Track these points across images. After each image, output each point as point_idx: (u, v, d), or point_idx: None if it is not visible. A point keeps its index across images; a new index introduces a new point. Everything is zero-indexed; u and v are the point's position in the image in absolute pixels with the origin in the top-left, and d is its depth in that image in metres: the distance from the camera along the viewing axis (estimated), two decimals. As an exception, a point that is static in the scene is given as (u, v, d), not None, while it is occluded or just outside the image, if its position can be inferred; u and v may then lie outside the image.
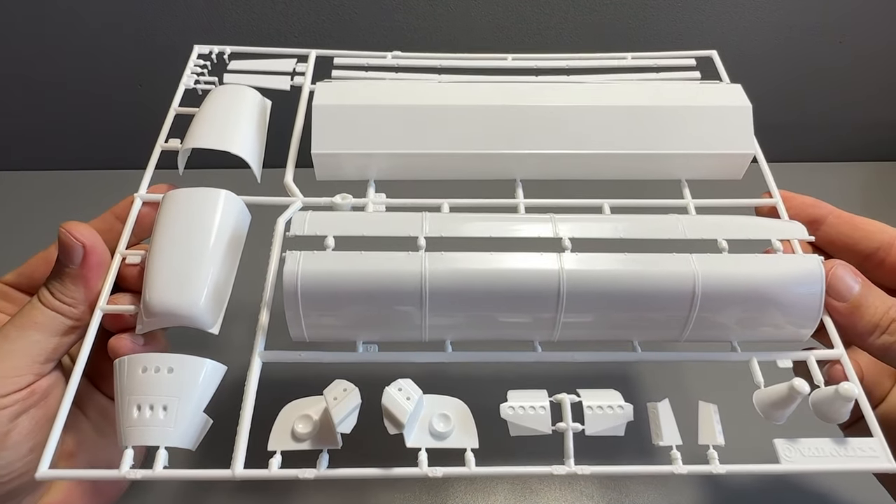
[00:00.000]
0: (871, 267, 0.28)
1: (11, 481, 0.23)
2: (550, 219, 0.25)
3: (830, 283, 0.25)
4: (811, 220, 0.29)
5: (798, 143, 0.50)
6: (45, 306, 0.24)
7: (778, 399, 0.23)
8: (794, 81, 0.49)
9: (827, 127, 0.51)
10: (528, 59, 0.37)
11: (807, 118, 0.51)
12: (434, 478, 0.22)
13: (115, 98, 0.50)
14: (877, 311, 0.25)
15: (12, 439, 0.23)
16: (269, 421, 0.23)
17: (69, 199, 0.49)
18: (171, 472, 0.21)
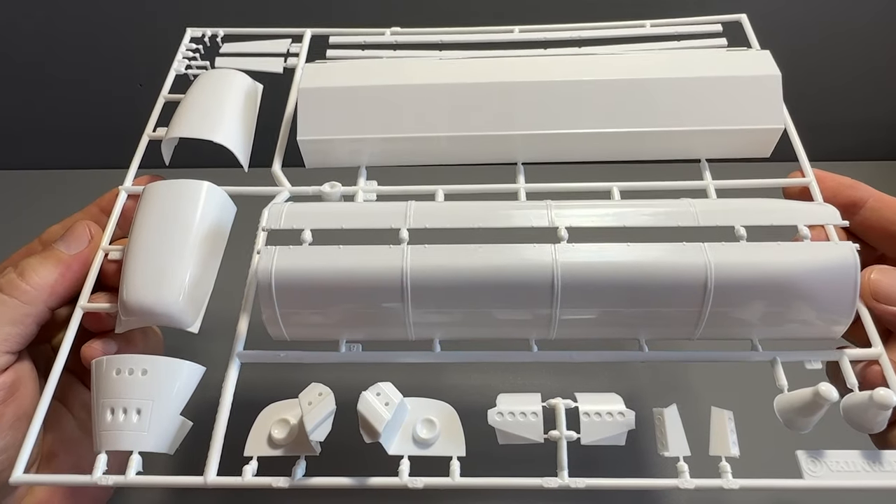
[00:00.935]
0: None
1: None
2: (546, 206, 0.23)
3: (877, 290, 0.22)
4: (849, 202, 0.26)
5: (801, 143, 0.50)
6: (0, 292, 0.23)
7: (802, 406, 0.20)
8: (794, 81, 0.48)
9: (827, 127, 0.50)
10: (537, 30, 0.34)
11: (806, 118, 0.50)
12: (415, 489, 0.20)
13: (115, 98, 0.50)
14: None
15: None
16: (251, 423, 0.22)
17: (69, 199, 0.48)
18: (143, 479, 0.21)
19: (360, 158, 0.28)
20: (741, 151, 0.28)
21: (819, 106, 0.50)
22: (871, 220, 0.25)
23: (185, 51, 0.33)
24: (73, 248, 0.25)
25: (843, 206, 0.26)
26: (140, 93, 0.48)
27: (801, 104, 0.51)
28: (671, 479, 0.20)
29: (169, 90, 0.32)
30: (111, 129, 0.50)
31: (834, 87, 0.49)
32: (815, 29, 0.46)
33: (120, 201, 0.27)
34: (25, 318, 0.23)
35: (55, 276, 0.24)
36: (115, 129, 0.49)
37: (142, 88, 0.48)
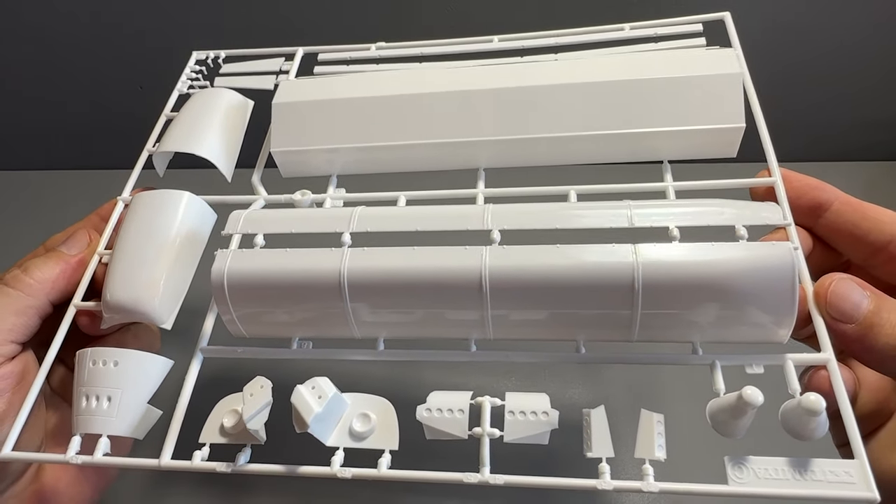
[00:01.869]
0: (880, 262, 0.24)
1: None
2: (484, 210, 0.24)
3: (832, 303, 0.21)
4: (814, 204, 0.25)
5: (798, 143, 0.48)
6: (6, 285, 0.26)
7: (728, 410, 0.20)
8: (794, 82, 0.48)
9: (827, 127, 0.50)
10: (515, 38, 0.34)
11: (806, 118, 0.50)
12: (343, 479, 0.21)
13: (115, 99, 0.51)
14: (893, 329, 0.21)
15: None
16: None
17: (69, 199, 0.49)
18: (107, 459, 0.23)
19: (333, 167, 0.30)
20: (705, 152, 0.27)
21: (819, 106, 0.49)
22: (836, 224, 0.24)
23: (189, 72, 0.36)
24: (74, 250, 0.28)
25: (808, 208, 0.25)
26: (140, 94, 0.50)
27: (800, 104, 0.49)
28: (590, 480, 0.20)
29: (171, 108, 0.34)
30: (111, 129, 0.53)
31: (833, 86, 0.49)
32: (815, 28, 0.46)
33: (117, 210, 0.30)
34: (28, 309, 0.26)
35: (56, 272, 0.27)
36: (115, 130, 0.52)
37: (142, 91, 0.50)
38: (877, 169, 0.49)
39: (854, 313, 0.21)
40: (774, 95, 0.31)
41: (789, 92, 0.48)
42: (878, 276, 0.25)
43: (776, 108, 0.28)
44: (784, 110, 0.46)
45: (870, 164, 0.50)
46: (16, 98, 0.52)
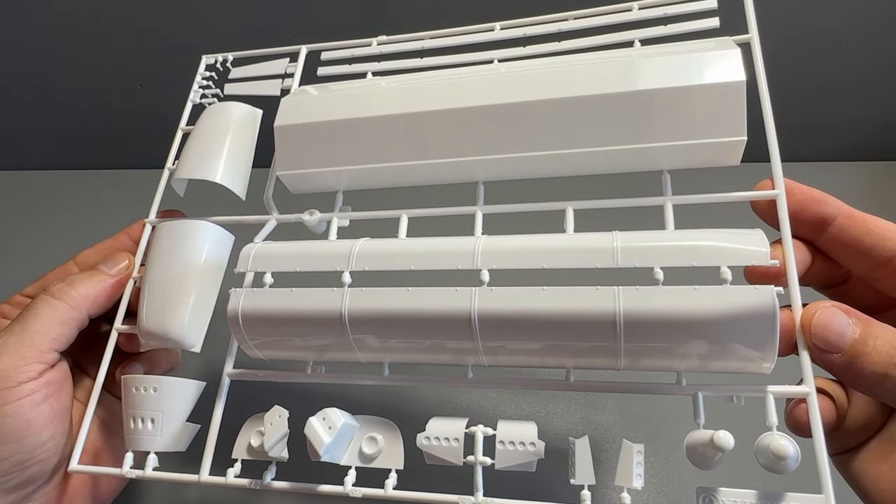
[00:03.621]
0: (882, 276, 0.23)
1: (31, 467, 0.26)
2: (475, 248, 0.25)
3: (816, 334, 0.21)
4: (818, 218, 0.24)
5: (798, 143, 0.45)
6: (51, 296, 0.28)
7: (702, 445, 0.21)
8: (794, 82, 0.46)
9: (827, 127, 0.50)
10: (518, 24, 0.33)
11: (806, 118, 0.49)
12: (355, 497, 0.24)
13: (115, 99, 0.50)
14: (881, 357, 0.21)
15: (35, 426, 0.25)
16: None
17: (69, 199, 0.49)
18: (157, 474, 0.27)
19: (338, 184, 0.31)
20: (707, 161, 0.26)
21: (819, 106, 0.49)
22: (840, 238, 0.24)
23: (201, 79, 0.37)
24: (114, 271, 0.30)
25: (812, 222, 0.24)
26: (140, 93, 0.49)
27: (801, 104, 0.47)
28: (572, 505, 0.22)
29: (186, 122, 0.36)
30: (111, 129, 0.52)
31: (834, 86, 0.48)
32: (816, 27, 0.45)
33: (146, 234, 0.32)
34: (71, 320, 0.28)
35: (98, 289, 0.29)
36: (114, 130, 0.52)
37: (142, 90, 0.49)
38: (877, 169, 0.49)
39: (839, 343, 0.21)
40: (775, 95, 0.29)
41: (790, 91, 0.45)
42: (879, 289, 0.24)
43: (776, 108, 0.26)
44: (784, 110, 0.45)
45: (870, 164, 0.49)
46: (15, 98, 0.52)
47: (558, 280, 0.23)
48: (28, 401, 0.26)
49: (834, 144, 0.50)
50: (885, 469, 0.22)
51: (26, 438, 0.26)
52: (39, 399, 0.27)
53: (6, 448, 0.25)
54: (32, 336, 0.27)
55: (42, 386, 0.27)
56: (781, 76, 0.44)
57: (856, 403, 0.23)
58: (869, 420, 0.23)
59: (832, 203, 0.24)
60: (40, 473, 0.27)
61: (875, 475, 0.23)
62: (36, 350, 0.27)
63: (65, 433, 0.28)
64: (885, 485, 0.21)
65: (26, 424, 0.26)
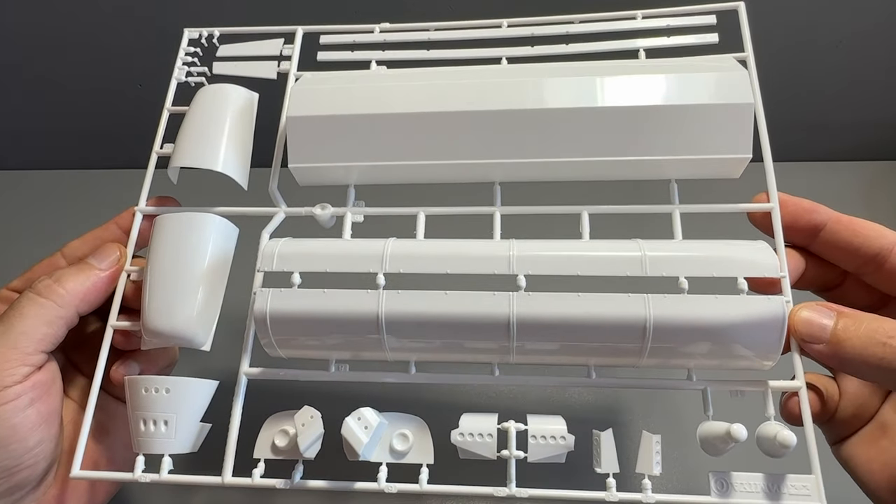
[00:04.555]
0: (870, 271, 0.26)
1: (17, 474, 0.25)
2: (509, 250, 0.25)
3: (800, 330, 0.24)
4: (810, 226, 0.27)
5: (798, 143, 0.49)
6: (37, 294, 0.26)
7: (715, 436, 0.24)
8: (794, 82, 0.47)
9: (827, 127, 0.50)
10: (525, 23, 0.34)
11: (807, 118, 0.49)
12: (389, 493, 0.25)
13: (115, 98, 0.49)
14: (861, 341, 0.23)
15: (20, 432, 0.24)
16: (260, 424, 0.27)
17: (69, 199, 0.49)
18: (173, 477, 0.26)
19: (349, 179, 0.31)
20: (711, 174, 0.29)
21: (819, 106, 0.49)
22: (831, 241, 0.27)
23: (185, 55, 0.34)
24: (105, 265, 0.28)
25: (805, 230, 0.27)
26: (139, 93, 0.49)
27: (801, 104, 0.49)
28: (600, 492, 0.24)
29: (172, 101, 0.33)
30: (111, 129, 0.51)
31: (834, 87, 0.48)
32: (816, 28, 0.45)
33: (136, 222, 0.30)
34: (59, 319, 0.26)
35: (87, 285, 0.27)
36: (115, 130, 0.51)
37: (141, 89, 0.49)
38: (877, 169, 0.49)
39: (821, 334, 0.24)
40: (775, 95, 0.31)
41: (790, 92, 0.48)
42: (870, 284, 0.27)
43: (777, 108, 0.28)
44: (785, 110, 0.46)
45: (870, 164, 0.50)
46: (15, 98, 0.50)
47: (583, 285, 0.25)
48: (12, 406, 0.25)
49: (833, 144, 0.50)
50: (875, 452, 0.25)
51: (12, 444, 0.25)
52: (25, 403, 0.25)
53: None
54: (17, 338, 0.25)
55: (28, 389, 0.25)
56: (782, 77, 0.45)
57: (846, 396, 0.26)
58: (859, 410, 0.26)
59: (822, 211, 0.27)
60: (28, 480, 0.26)
61: (865, 458, 0.26)
62: (21, 352, 0.25)
63: (54, 437, 0.27)
64: (875, 466, 0.25)
65: (11, 430, 0.25)
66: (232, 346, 0.28)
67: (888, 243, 0.25)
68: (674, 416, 0.33)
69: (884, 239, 0.25)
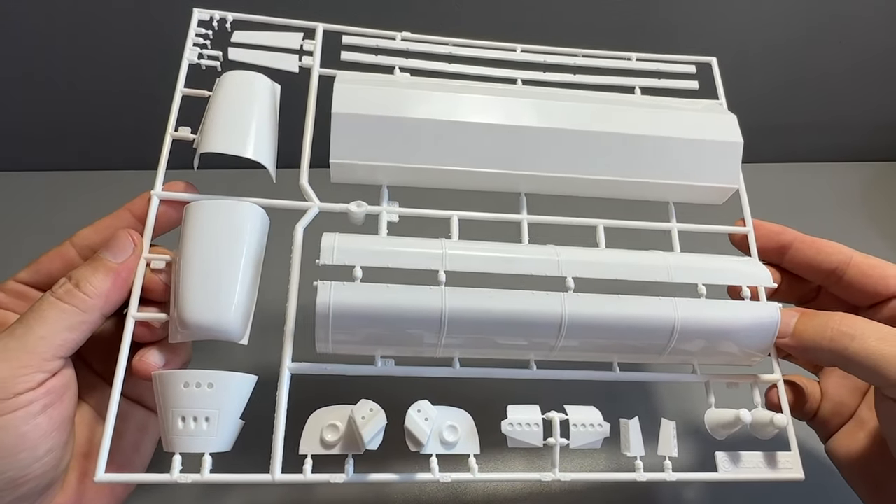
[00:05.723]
0: (830, 283, 0.31)
1: (26, 484, 0.23)
2: (556, 255, 0.28)
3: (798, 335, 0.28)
4: (779, 245, 0.32)
5: (798, 144, 0.51)
6: (59, 299, 0.24)
7: (725, 422, 0.28)
8: (795, 82, 0.49)
9: (827, 127, 0.51)
10: (537, 51, 0.37)
11: (807, 118, 0.50)
12: (444, 482, 0.26)
13: (115, 98, 0.48)
14: (816, 331, 0.28)
15: (30, 440, 0.23)
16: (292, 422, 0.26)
17: (69, 199, 0.48)
18: (217, 477, 0.25)
19: (382, 179, 0.31)
20: (702, 199, 0.34)
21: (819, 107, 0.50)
22: (797, 258, 0.32)
23: (195, 36, 0.33)
24: (120, 257, 0.26)
25: (775, 249, 0.32)
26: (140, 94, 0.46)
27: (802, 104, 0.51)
28: (631, 474, 0.27)
29: (184, 83, 0.32)
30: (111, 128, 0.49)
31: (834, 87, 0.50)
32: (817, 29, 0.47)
33: (153, 207, 0.28)
34: (82, 325, 0.25)
35: (108, 285, 0.25)
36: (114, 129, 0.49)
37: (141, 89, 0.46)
38: (877, 169, 0.49)
39: (786, 329, 0.29)
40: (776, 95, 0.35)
41: (790, 92, 0.49)
42: (835, 295, 0.32)
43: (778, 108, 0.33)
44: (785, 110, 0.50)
45: (870, 164, 0.50)
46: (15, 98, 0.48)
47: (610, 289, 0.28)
48: (23, 413, 0.23)
49: (833, 144, 0.51)
50: (854, 446, 0.30)
51: (20, 454, 0.23)
52: (37, 410, 0.23)
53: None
54: (36, 342, 0.24)
55: (41, 396, 0.23)
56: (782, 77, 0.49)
57: (827, 395, 0.31)
58: (838, 407, 0.31)
59: (788, 232, 0.32)
60: (33, 491, 0.24)
61: (846, 452, 0.30)
62: (38, 358, 0.23)
63: (64, 444, 0.25)
64: (853, 458, 0.29)
65: (20, 438, 0.23)
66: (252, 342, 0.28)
67: (845, 258, 0.30)
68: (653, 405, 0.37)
69: (841, 254, 0.31)
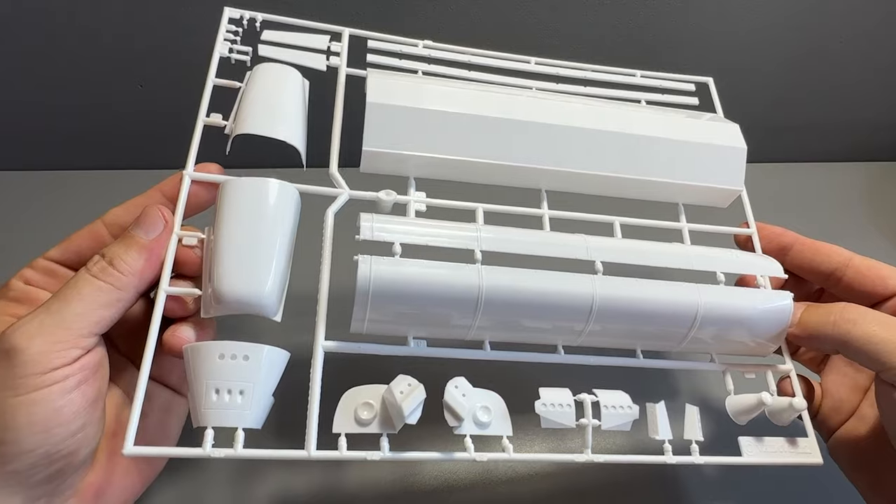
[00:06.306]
0: (830, 284, 0.33)
1: (60, 460, 0.23)
2: (585, 241, 0.29)
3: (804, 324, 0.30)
4: (780, 246, 0.34)
5: (799, 144, 0.51)
6: (95, 277, 0.24)
7: (748, 406, 0.29)
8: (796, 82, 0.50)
9: (827, 127, 0.52)
10: (550, 64, 0.39)
11: (807, 118, 0.51)
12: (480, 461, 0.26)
13: (115, 98, 0.47)
14: (819, 319, 0.29)
15: (64, 416, 0.23)
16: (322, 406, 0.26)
17: (69, 199, 0.48)
18: (251, 452, 0.24)
19: (408, 170, 0.32)
20: (708, 201, 0.36)
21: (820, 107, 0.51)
22: (797, 260, 0.33)
23: (226, 32, 0.34)
24: (151, 233, 0.26)
25: (778, 249, 0.34)
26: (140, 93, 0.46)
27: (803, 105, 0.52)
28: (660, 456, 0.27)
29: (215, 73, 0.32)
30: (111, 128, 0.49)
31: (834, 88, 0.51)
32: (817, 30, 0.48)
33: (185, 186, 0.28)
34: (118, 302, 0.25)
35: (141, 262, 0.25)
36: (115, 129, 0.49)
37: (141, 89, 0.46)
38: (877, 169, 0.50)
39: (793, 319, 0.30)
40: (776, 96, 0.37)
41: (791, 92, 0.50)
42: (836, 296, 0.33)
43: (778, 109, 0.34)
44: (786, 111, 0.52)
45: (870, 164, 0.50)
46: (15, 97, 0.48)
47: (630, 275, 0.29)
48: (59, 387, 0.23)
49: (833, 144, 0.52)
50: (855, 442, 0.30)
51: (55, 429, 0.23)
52: (72, 385, 0.23)
53: (33, 439, 0.22)
54: (73, 318, 0.23)
55: (76, 371, 0.23)
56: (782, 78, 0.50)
57: (827, 394, 0.32)
58: (838, 404, 0.32)
59: (789, 234, 0.34)
60: (69, 466, 0.24)
61: (847, 448, 0.30)
62: (75, 334, 0.23)
63: (98, 421, 0.25)
64: (855, 451, 0.30)
65: (55, 413, 0.23)
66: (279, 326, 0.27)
67: (844, 260, 0.32)
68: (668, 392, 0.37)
69: (840, 256, 0.32)
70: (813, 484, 0.35)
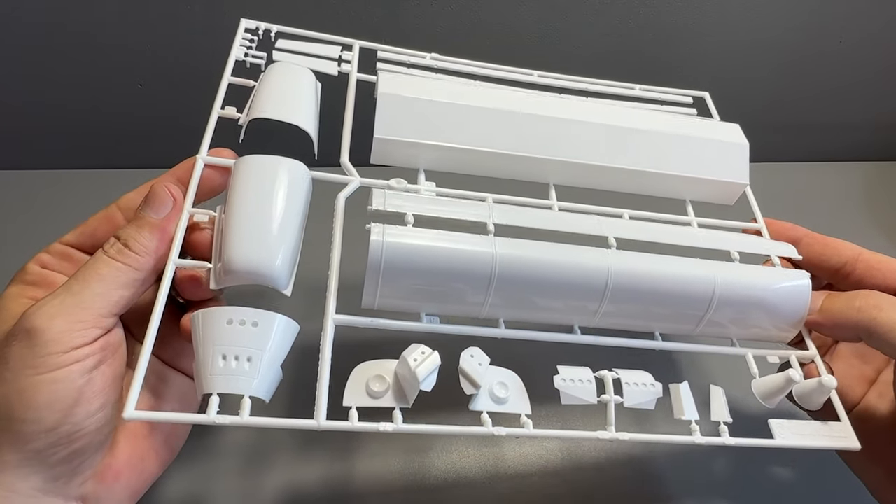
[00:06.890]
0: (839, 279, 0.32)
1: (80, 439, 0.23)
2: (598, 221, 0.29)
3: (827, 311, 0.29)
4: (790, 240, 0.34)
5: (799, 143, 0.52)
6: (112, 258, 0.25)
7: (776, 387, 0.28)
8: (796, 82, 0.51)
9: (827, 127, 0.52)
10: (552, 77, 0.40)
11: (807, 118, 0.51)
12: (498, 436, 0.24)
13: (115, 98, 0.49)
14: (841, 306, 0.29)
15: (85, 395, 0.23)
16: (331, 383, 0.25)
17: (69, 199, 0.48)
18: (257, 420, 0.22)
19: (418, 161, 0.32)
20: (714, 198, 0.36)
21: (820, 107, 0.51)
22: (807, 255, 0.33)
23: (242, 40, 0.35)
24: (161, 212, 0.26)
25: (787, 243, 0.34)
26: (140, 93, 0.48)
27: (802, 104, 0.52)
28: (688, 437, 0.26)
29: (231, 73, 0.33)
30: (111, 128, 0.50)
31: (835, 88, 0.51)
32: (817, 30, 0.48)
33: (198, 169, 0.28)
34: (136, 282, 0.25)
35: (155, 242, 0.25)
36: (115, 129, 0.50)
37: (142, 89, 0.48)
38: (877, 169, 0.50)
39: (815, 306, 0.30)
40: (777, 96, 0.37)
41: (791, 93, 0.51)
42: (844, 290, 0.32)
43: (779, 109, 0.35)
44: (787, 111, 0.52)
45: (870, 164, 0.50)
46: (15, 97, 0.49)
47: None
48: (80, 367, 0.23)
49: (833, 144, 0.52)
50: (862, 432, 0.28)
51: (76, 408, 0.23)
52: (92, 365, 0.23)
53: (53, 418, 0.22)
54: (93, 298, 0.24)
55: (96, 351, 0.23)
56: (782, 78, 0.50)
57: None
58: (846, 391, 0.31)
59: (799, 229, 0.34)
60: (89, 446, 0.23)
61: None
62: (95, 314, 0.24)
63: (116, 402, 0.25)
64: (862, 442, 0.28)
65: (77, 392, 0.23)
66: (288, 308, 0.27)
67: (853, 254, 0.32)
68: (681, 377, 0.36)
69: (850, 251, 0.32)
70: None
